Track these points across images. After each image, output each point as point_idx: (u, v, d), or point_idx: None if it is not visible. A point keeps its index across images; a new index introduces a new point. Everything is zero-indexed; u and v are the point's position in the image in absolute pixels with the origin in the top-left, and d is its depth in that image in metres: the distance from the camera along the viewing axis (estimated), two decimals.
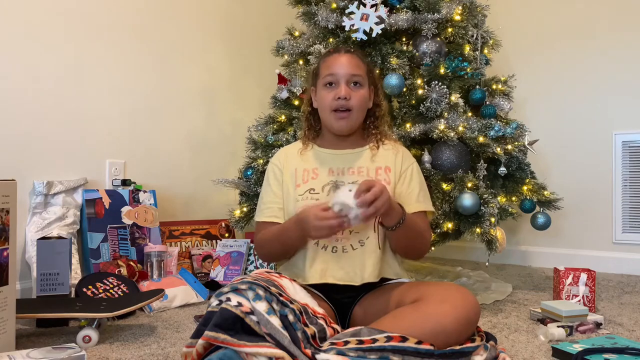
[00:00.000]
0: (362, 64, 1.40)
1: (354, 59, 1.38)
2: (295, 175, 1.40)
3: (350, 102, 1.34)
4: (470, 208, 1.71)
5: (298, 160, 1.42)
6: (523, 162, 2.04)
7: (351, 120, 1.37)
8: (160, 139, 2.43)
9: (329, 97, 1.35)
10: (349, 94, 1.34)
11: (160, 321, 1.67)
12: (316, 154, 1.43)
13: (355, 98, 1.35)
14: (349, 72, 1.35)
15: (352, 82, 1.36)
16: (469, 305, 1.13)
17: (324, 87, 1.37)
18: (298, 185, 1.38)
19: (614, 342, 1.33)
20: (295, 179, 1.39)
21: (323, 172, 1.38)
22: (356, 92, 1.36)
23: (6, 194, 1.28)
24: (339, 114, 1.35)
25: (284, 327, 1.02)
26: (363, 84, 1.38)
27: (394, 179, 1.38)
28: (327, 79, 1.36)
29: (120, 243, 2.06)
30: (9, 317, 1.29)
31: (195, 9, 2.59)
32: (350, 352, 1.02)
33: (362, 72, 1.38)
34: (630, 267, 2.49)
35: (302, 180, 1.38)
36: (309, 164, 1.41)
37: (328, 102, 1.36)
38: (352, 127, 1.39)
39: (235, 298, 1.03)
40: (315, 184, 1.37)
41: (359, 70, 1.37)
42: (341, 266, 1.31)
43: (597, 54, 2.62)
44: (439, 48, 1.95)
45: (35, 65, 1.97)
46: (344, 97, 1.33)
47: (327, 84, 1.37)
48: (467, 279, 2.28)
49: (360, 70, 1.37)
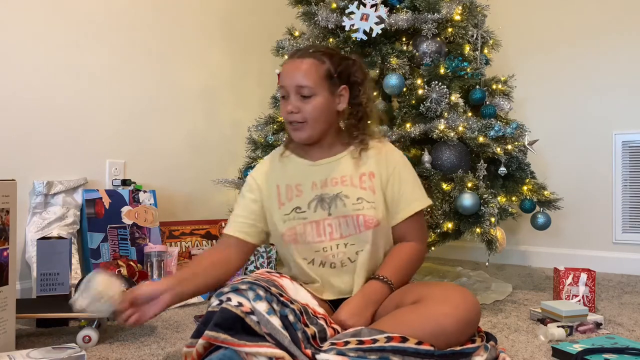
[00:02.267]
0: (317, 68, 1.26)
1: (303, 65, 1.26)
2: (278, 193, 1.32)
3: (301, 114, 1.25)
4: (470, 208, 1.71)
5: (279, 175, 1.34)
6: (523, 162, 2.04)
7: (307, 132, 1.27)
8: (160, 139, 2.43)
9: (284, 110, 1.29)
10: (297, 108, 1.25)
11: (160, 321, 1.67)
12: (296, 167, 1.34)
13: (306, 110, 1.25)
14: (294, 83, 1.25)
15: (301, 93, 1.25)
16: (470, 306, 1.12)
17: (281, 98, 1.31)
18: (282, 203, 1.30)
19: (614, 342, 1.33)
20: (279, 196, 1.31)
21: (306, 188, 1.30)
22: (306, 104, 1.25)
23: (6, 194, 1.28)
24: (293, 126, 1.28)
25: (284, 328, 1.02)
26: (315, 92, 1.25)
27: (380, 185, 1.30)
28: (280, 91, 1.30)
29: (120, 243, 2.06)
30: (9, 317, 1.29)
31: (195, 9, 2.59)
32: (350, 352, 1.02)
33: (313, 80, 1.24)
34: (630, 267, 2.49)
35: (287, 198, 1.31)
36: (290, 179, 1.32)
37: (283, 115, 1.29)
38: (310, 137, 1.29)
39: (235, 298, 1.03)
40: (300, 202, 1.29)
41: (306, 79, 1.24)
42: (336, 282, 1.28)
43: (597, 53, 2.61)
44: (439, 48, 1.95)
45: (35, 65, 1.97)
46: (290, 111, 1.26)
47: (282, 95, 1.30)
48: (467, 279, 2.28)
49: (309, 79, 1.24)
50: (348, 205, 1.27)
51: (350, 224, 1.27)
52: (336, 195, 1.28)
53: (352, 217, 1.27)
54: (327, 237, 1.27)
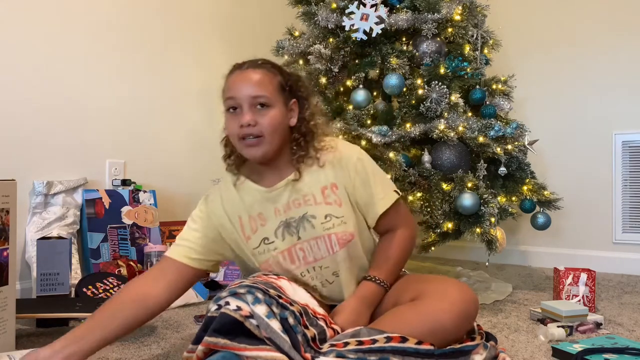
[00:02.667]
0: (270, 79, 1.19)
1: (256, 75, 1.17)
2: (242, 226, 1.24)
3: (258, 128, 1.15)
4: (470, 208, 1.72)
5: (239, 206, 1.25)
6: (523, 162, 2.04)
7: (264, 147, 1.17)
8: (160, 139, 2.43)
9: (234, 125, 1.17)
10: (253, 120, 1.15)
11: (160, 321, 1.67)
12: (253, 196, 1.24)
13: (263, 123, 1.15)
14: (250, 93, 1.15)
15: (257, 104, 1.16)
16: (467, 300, 1.12)
17: (228, 112, 1.19)
18: (248, 237, 1.23)
19: (614, 342, 1.33)
20: (243, 230, 1.24)
21: (270, 215, 1.23)
22: (263, 115, 1.16)
23: (6, 194, 1.28)
24: (248, 142, 1.16)
25: (285, 331, 1.01)
26: (272, 103, 1.17)
27: (346, 194, 1.23)
28: (229, 103, 1.18)
29: (120, 243, 2.06)
30: (9, 317, 1.29)
31: (195, 8, 2.59)
32: (350, 354, 1.02)
33: (269, 91, 1.17)
34: (630, 267, 2.49)
35: (251, 229, 1.23)
36: (251, 209, 1.24)
37: (233, 130, 1.17)
38: (266, 154, 1.18)
39: (234, 302, 1.02)
40: (266, 232, 1.23)
41: (262, 89, 1.16)
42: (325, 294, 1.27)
43: (597, 53, 2.61)
44: (439, 48, 1.95)
45: (35, 65, 1.97)
46: (247, 124, 1.14)
47: (229, 108, 1.19)
48: (467, 279, 2.28)
49: (265, 90, 1.16)
50: (317, 226, 1.21)
51: (322, 246, 1.22)
52: (302, 216, 1.21)
53: (323, 238, 1.21)
54: (302, 262, 1.23)
